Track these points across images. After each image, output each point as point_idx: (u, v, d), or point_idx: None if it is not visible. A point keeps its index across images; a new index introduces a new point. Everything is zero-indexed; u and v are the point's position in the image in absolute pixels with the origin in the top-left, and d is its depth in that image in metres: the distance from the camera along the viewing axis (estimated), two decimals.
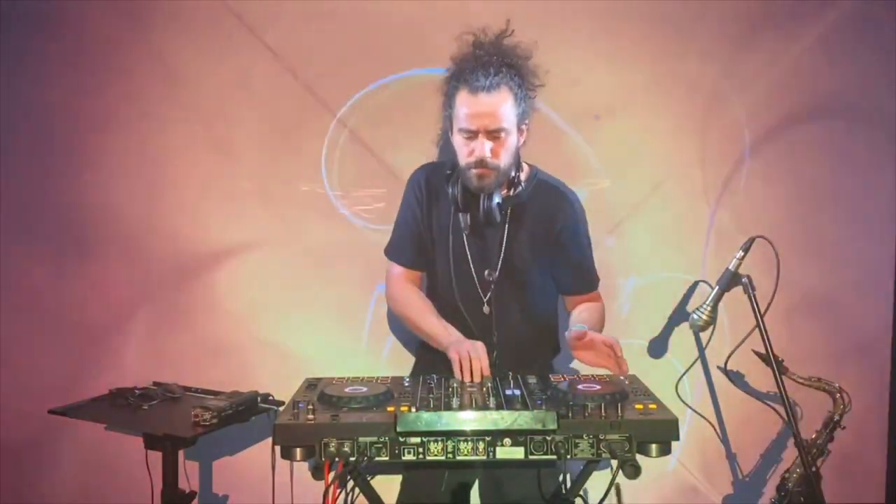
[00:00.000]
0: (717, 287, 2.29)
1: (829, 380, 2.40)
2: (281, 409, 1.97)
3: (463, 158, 2.06)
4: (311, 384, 1.97)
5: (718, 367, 2.50)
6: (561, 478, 2.02)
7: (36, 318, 2.76)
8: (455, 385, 1.84)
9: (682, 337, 2.66)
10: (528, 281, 2.21)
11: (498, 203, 2.08)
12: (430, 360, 2.23)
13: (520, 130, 2.08)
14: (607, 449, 1.65)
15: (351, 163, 2.70)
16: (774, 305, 2.24)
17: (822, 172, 2.71)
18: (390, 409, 1.72)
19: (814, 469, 2.31)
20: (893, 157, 2.70)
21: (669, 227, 2.74)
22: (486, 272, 2.17)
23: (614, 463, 1.66)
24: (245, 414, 2.18)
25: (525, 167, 2.21)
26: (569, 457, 1.64)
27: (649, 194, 2.72)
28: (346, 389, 1.85)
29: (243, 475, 2.72)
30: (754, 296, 2.20)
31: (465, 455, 1.65)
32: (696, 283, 2.65)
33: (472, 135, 2.02)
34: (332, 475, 1.61)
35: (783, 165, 2.71)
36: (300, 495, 1.97)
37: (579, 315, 2.16)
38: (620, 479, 1.65)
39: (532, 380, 1.99)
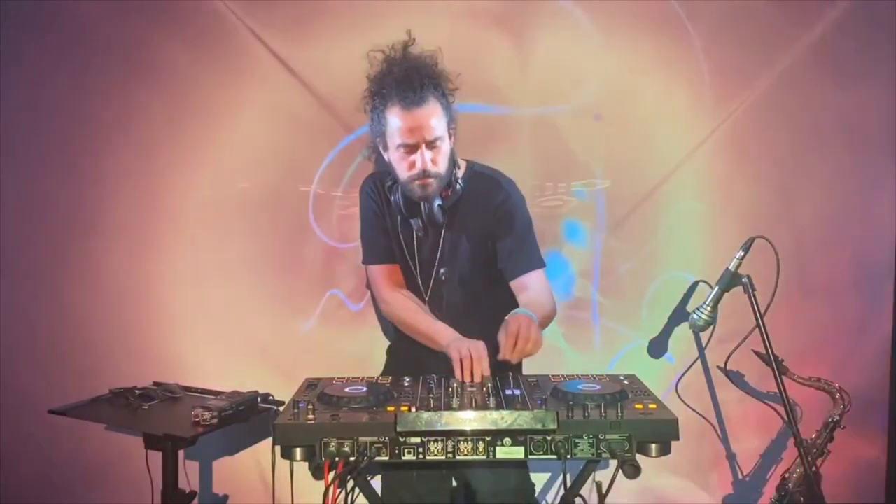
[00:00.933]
0: (716, 287, 2.29)
1: (829, 380, 2.40)
2: (281, 409, 1.97)
3: (404, 172, 2.10)
4: (311, 384, 1.97)
5: (718, 367, 2.50)
6: (561, 478, 2.02)
7: (36, 318, 2.77)
8: (455, 385, 1.84)
9: (683, 337, 2.66)
10: (476, 276, 2.23)
11: (439, 205, 2.13)
12: (400, 361, 2.29)
13: (450, 135, 2.14)
14: (607, 449, 1.65)
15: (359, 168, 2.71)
16: (774, 305, 2.24)
17: (822, 173, 2.70)
18: (390, 409, 1.72)
19: (814, 469, 2.31)
20: (894, 157, 2.70)
21: (669, 227, 2.73)
22: (441, 271, 2.22)
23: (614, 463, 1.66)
24: (245, 414, 2.18)
25: (462, 164, 2.25)
26: (569, 457, 1.64)
27: (649, 194, 2.72)
28: (346, 389, 1.85)
29: (243, 475, 2.72)
30: (754, 296, 2.20)
31: (465, 455, 1.65)
32: (696, 283, 2.65)
33: (411, 148, 2.07)
34: (332, 475, 1.61)
35: (783, 166, 2.71)
36: (300, 495, 1.97)
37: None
38: (619, 478, 1.64)
39: (532, 380, 1.99)
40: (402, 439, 1.65)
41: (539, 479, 2.55)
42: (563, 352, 2.73)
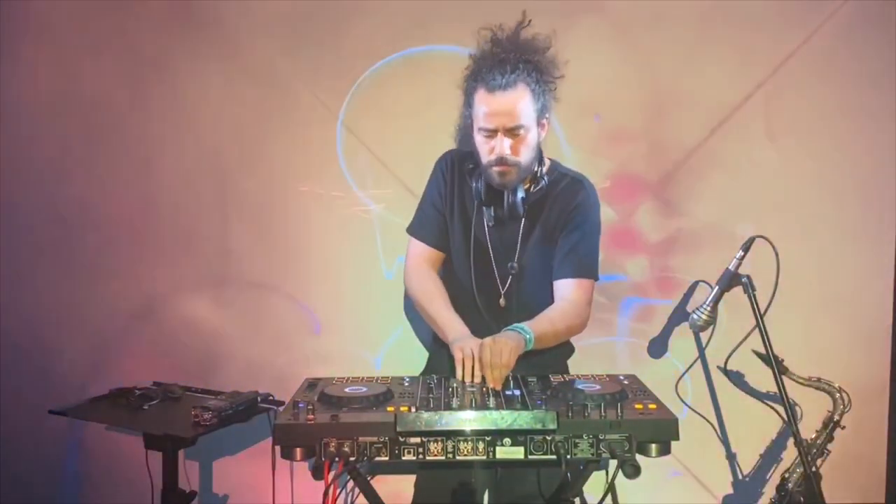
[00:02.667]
0: (716, 287, 2.29)
1: (829, 380, 2.40)
2: (281, 409, 1.97)
3: (484, 156, 2.08)
4: (311, 384, 1.97)
5: (718, 367, 2.50)
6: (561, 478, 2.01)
7: (37, 318, 2.77)
8: (455, 385, 1.84)
9: (682, 337, 2.66)
10: (546, 275, 2.18)
11: (522, 198, 2.09)
12: (444, 357, 2.20)
13: (540, 125, 2.09)
14: (607, 449, 1.65)
15: (353, 164, 2.71)
16: (774, 305, 2.24)
17: (822, 172, 2.70)
18: (390, 409, 1.72)
19: (814, 469, 2.31)
20: (894, 157, 2.69)
21: (668, 227, 2.73)
22: (509, 265, 2.17)
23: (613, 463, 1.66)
24: (245, 414, 2.18)
25: (546, 161, 2.21)
26: (569, 457, 1.64)
27: (649, 193, 2.72)
28: (346, 389, 1.85)
29: (243, 475, 2.72)
30: (754, 296, 2.20)
31: (465, 455, 1.65)
32: (695, 283, 2.65)
33: (491, 133, 2.03)
34: (332, 475, 1.61)
35: (783, 166, 2.71)
36: (300, 495, 1.97)
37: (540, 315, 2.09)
38: (618, 478, 1.65)
39: (532, 380, 1.99)
40: (402, 439, 1.64)
41: None
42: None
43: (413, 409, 1.70)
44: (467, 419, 1.64)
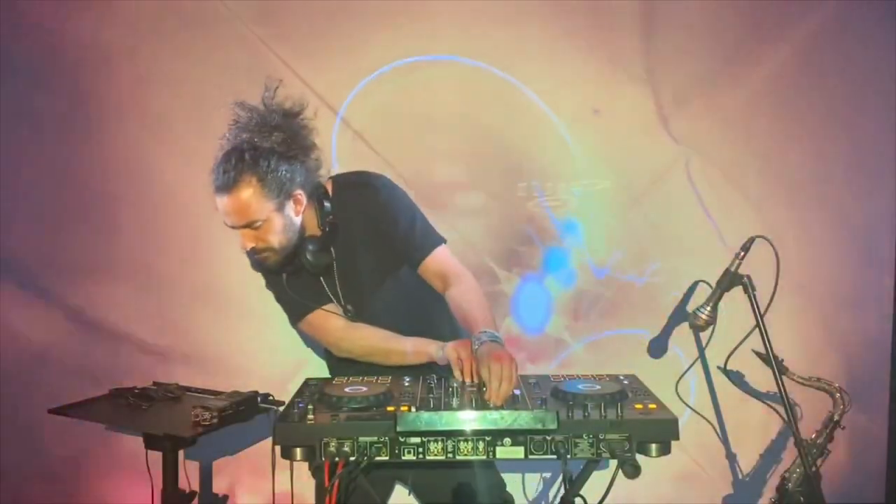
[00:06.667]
0: (716, 287, 2.29)
1: (829, 380, 2.40)
2: (281, 409, 1.97)
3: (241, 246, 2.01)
4: (311, 384, 1.97)
5: (718, 367, 2.50)
6: (562, 478, 2.01)
7: (36, 318, 2.77)
8: (455, 385, 1.84)
9: (683, 337, 2.66)
10: (383, 288, 2.14)
11: (311, 249, 2.03)
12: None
13: (294, 200, 2.00)
14: (607, 449, 1.65)
15: (352, 161, 2.71)
16: (774, 305, 2.24)
17: (822, 172, 2.71)
18: (390, 409, 1.72)
19: (814, 469, 2.32)
20: (893, 157, 2.70)
21: (668, 227, 2.73)
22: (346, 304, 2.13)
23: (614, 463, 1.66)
24: (245, 414, 2.18)
25: (328, 184, 2.12)
26: (569, 457, 1.64)
27: (648, 193, 2.72)
28: (346, 389, 1.85)
29: (243, 475, 2.72)
30: (754, 296, 2.20)
31: (465, 455, 1.65)
32: (696, 283, 2.65)
33: (234, 227, 1.97)
34: (332, 475, 1.61)
35: (783, 165, 2.71)
36: (300, 495, 1.97)
37: (459, 310, 2.01)
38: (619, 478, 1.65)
39: (532, 380, 1.99)
40: (402, 439, 1.65)
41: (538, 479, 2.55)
42: (565, 347, 2.74)
43: (413, 409, 1.70)
44: (467, 419, 1.64)
